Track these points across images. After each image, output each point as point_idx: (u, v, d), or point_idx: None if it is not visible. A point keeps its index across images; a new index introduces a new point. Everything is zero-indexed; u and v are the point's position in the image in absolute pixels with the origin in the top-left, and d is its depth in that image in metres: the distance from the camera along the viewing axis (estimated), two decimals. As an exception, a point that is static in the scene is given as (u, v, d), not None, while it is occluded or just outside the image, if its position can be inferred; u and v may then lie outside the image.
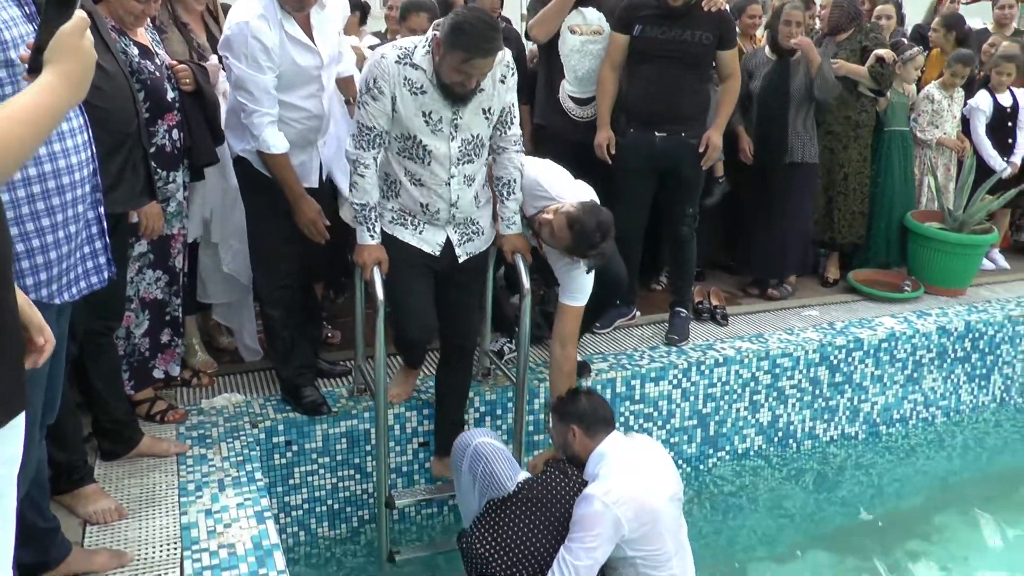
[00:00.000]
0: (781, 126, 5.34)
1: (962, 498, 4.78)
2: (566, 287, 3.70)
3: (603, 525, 2.95)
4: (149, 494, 3.16)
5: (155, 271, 3.52)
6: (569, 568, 2.95)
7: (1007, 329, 5.55)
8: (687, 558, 3.22)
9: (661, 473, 3.18)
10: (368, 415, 3.88)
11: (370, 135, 3.22)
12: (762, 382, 4.79)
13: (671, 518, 3.09)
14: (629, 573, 3.10)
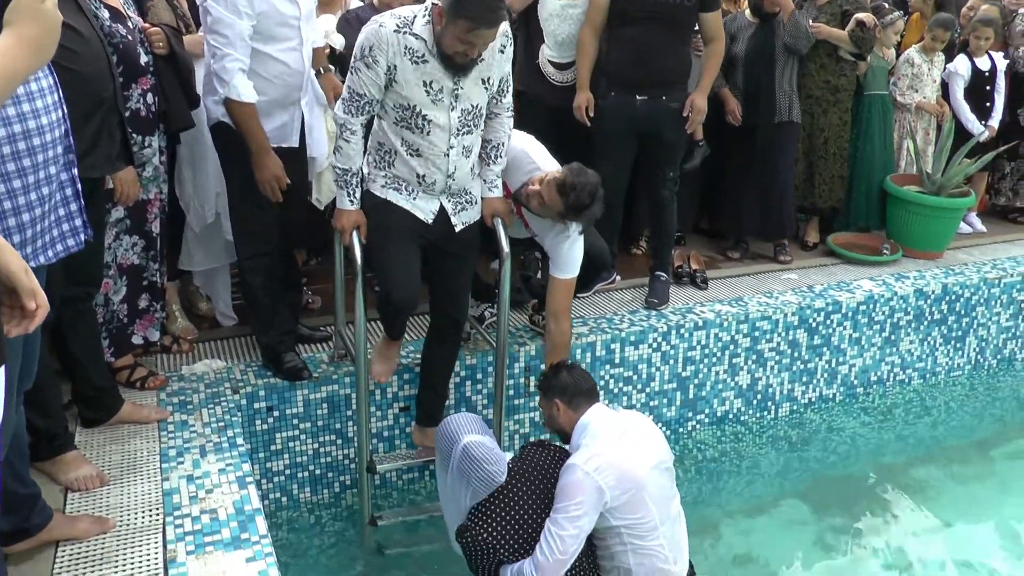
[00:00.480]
0: (769, 86, 5.36)
1: (937, 458, 4.86)
2: (556, 260, 3.69)
3: (585, 493, 2.97)
4: (130, 460, 3.16)
5: (132, 237, 3.50)
6: (555, 538, 2.98)
7: (983, 292, 5.61)
8: (678, 528, 3.23)
9: (645, 442, 3.19)
10: (349, 380, 3.89)
11: (360, 102, 3.19)
12: (741, 345, 4.82)
13: (656, 487, 3.10)
14: (615, 543, 3.12)
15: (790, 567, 3.88)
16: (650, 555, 3.09)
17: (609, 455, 3.05)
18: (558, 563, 2.98)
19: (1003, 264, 5.85)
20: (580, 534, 3.00)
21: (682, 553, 3.24)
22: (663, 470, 3.18)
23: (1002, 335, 5.84)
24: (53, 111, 2.19)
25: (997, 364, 5.90)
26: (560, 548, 2.97)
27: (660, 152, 4.63)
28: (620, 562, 3.13)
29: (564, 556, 2.98)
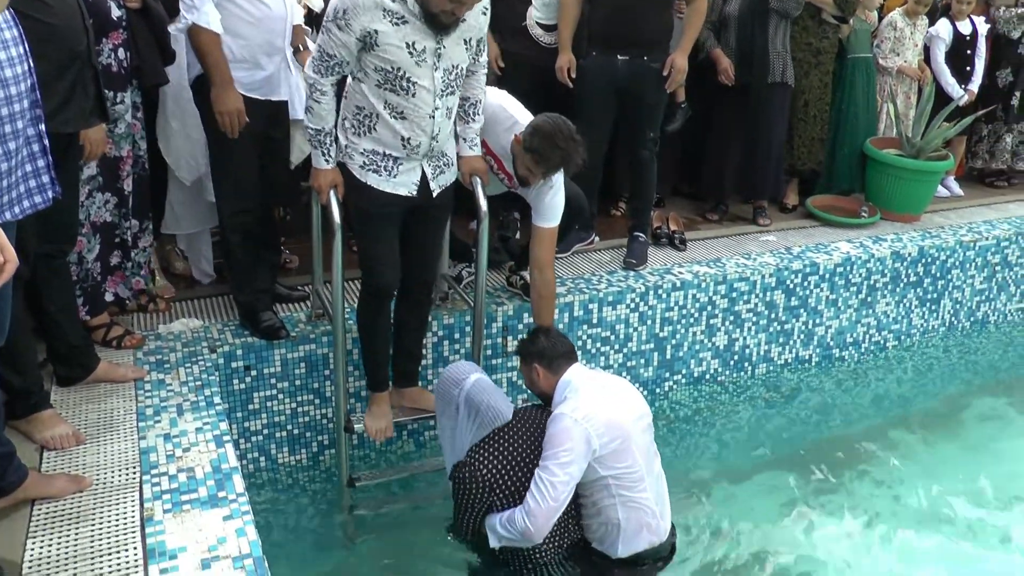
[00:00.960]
0: (763, 46, 5.34)
1: (911, 418, 4.93)
2: (540, 210, 3.69)
3: (574, 440, 3.01)
4: (107, 419, 3.16)
5: (104, 194, 3.47)
6: (546, 485, 3.01)
7: (958, 255, 5.65)
8: (661, 486, 3.28)
9: (626, 397, 3.25)
10: (326, 339, 3.88)
11: (330, 63, 3.13)
12: (719, 306, 4.85)
13: (640, 436, 3.16)
14: (604, 497, 3.15)
15: (764, 525, 3.92)
16: (638, 508, 3.15)
17: (594, 405, 3.10)
18: (550, 509, 3.02)
19: (978, 228, 5.89)
20: (570, 481, 3.03)
21: (666, 510, 3.30)
22: (645, 425, 3.23)
23: (976, 298, 5.90)
24: (19, 63, 2.15)
25: (971, 326, 5.97)
26: (552, 494, 3.00)
27: (641, 113, 4.62)
28: (609, 517, 3.17)
29: (555, 503, 3.01)
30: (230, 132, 3.48)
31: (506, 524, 3.10)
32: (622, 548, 3.20)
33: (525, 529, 3.02)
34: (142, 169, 3.64)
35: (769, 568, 3.69)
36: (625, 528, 3.17)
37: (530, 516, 3.02)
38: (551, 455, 3.04)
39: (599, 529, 3.24)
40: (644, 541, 3.21)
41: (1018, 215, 6.24)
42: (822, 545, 3.85)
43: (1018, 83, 6.70)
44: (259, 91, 3.59)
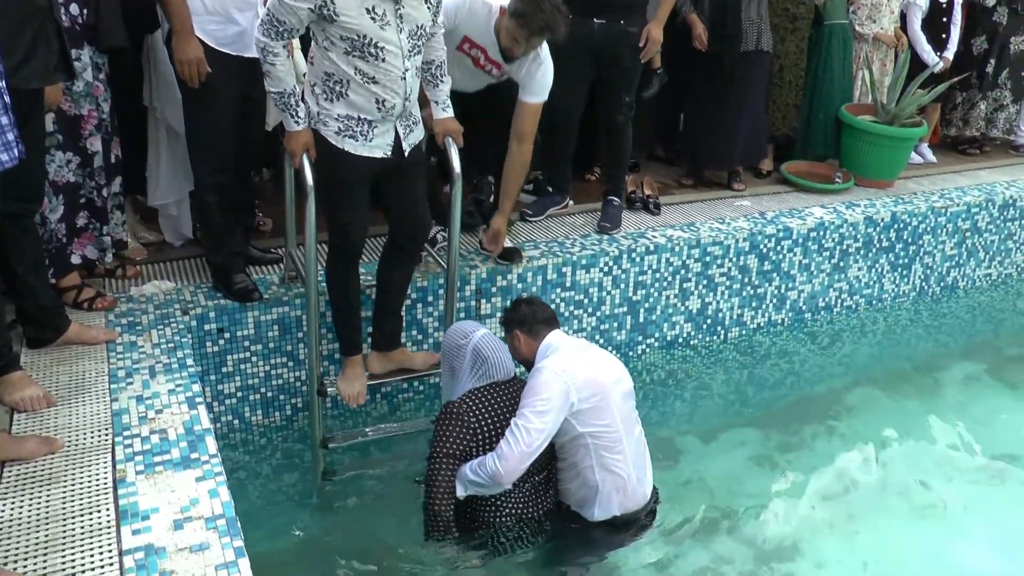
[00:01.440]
0: (735, 14, 5.31)
1: (881, 381, 4.98)
2: (528, 86, 3.76)
3: (552, 390, 3.05)
4: (78, 381, 3.14)
5: (66, 153, 3.39)
6: (521, 431, 3.04)
7: (930, 220, 5.70)
8: (641, 451, 3.30)
9: (607, 360, 3.30)
10: (300, 302, 3.88)
11: (280, 28, 3.06)
12: (692, 270, 4.87)
13: (620, 398, 3.19)
14: (583, 458, 3.18)
15: (737, 486, 3.98)
16: (615, 471, 3.17)
17: (575, 361, 3.15)
18: (522, 454, 3.04)
19: (950, 194, 5.94)
20: (545, 430, 3.05)
21: (646, 475, 3.32)
22: (627, 390, 3.27)
23: (946, 263, 5.96)
24: None
25: (941, 291, 6.04)
26: (526, 440, 3.03)
27: (617, 77, 4.61)
28: (587, 479, 3.20)
29: (528, 448, 3.04)
30: (190, 81, 3.44)
31: (476, 469, 3.12)
32: (598, 511, 3.24)
33: (495, 472, 3.05)
34: (105, 132, 3.55)
35: (742, 527, 3.74)
36: (602, 491, 3.20)
37: (501, 460, 3.05)
38: (529, 403, 3.08)
39: (578, 492, 3.27)
40: (618, 505, 3.23)
41: (989, 182, 6.30)
42: (795, 505, 3.91)
43: (992, 51, 6.74)
44: (232, 46, 3.54)
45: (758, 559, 3.58)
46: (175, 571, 2.29)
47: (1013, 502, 4.07)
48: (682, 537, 3.60)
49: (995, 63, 6.77)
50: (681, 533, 3.60)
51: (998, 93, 6.89)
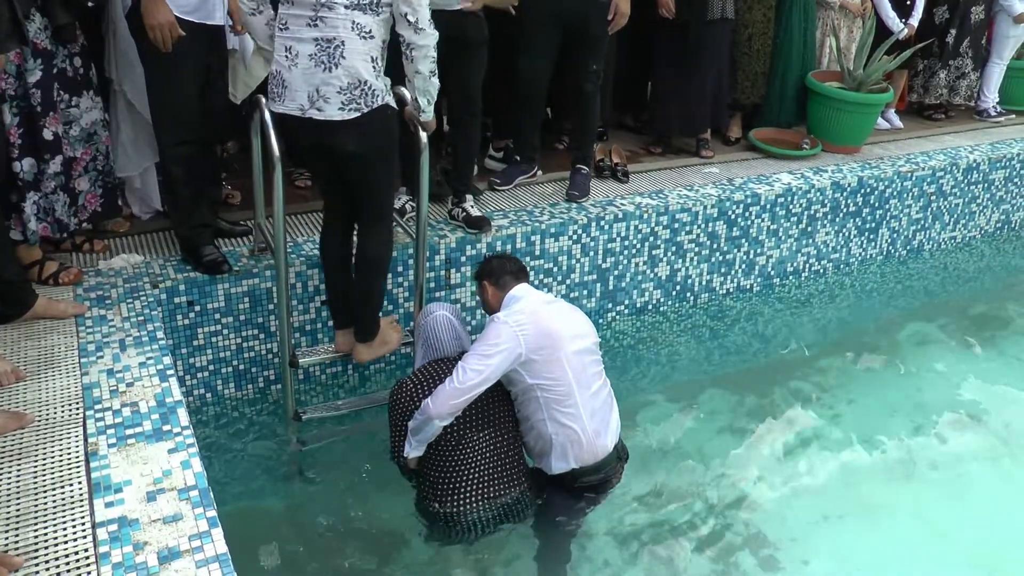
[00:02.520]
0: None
1: (849, 344, 5.07)
2: None
3: (501, 336, 3.10)
4: (47, 356, 3.12)
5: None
6: (460, 369, 3.10)
7: (896, 184, 5.76)
8: (600, 410, 3.28)
9: (568, 315, 3.31)
10: (270, 274, 3.87)
11: None
12: (661, 237, 4.90)
13: (573, 354, 3.19)
14: (535, 411, 3.21)
15: (707, 450, 4.04)
16: (567, 424, 3.19)
17: (530, 313, 3.19)
18: (454, 391, 3.08)
19: (916, 158, 6.00)
20: (484, 372, 3.08)
21: (607, 430, 3.30)
22: (585, 347, 3.26)
23: (912, 227, 6.04)
24: None
25: (907, 254, 6.12)
26: (460, 378, 3.08)
27: (585, 45, 4.60)
28: (540, 432, 3.23)
29: (461, 386, 3.07)
30: (162, 46, 3.40)
31: (416, 415, 3.17)
32: (555, 463, 3.25)
33: (426, 406, 3.10)
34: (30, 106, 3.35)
35: (711, 491, 3.80)
36: (555, 443, 3.22)
37: (434, 396, 3.10)
38: (476, 347, 3.15)
39: (535, 445, 3.30)
40: (574, 458, 3.23)
41: (953, 146, 6.37)
42: (763, 467, 3.98)
43: (953, 20, 6.82)
44: (195, 14, 3.50)
45: (727, 522, 3.64)
46: (148, 542, 2.30)
47: (978, 458, 4.16)
48: (652, 501, 3.66)
49: (956, 32, 6.84)
50: (651, 497, 3.66)
51: (959, 62, 6.94)
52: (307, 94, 3.20)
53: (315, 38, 3.15)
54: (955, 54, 6.90)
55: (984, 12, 6.87)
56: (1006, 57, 7.17)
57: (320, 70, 3.18)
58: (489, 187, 4.83)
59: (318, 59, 3.17)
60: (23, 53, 3.30)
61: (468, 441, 3.20)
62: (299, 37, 3.16)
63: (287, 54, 3.19)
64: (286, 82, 3.21)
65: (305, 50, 3.16)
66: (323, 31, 3.15)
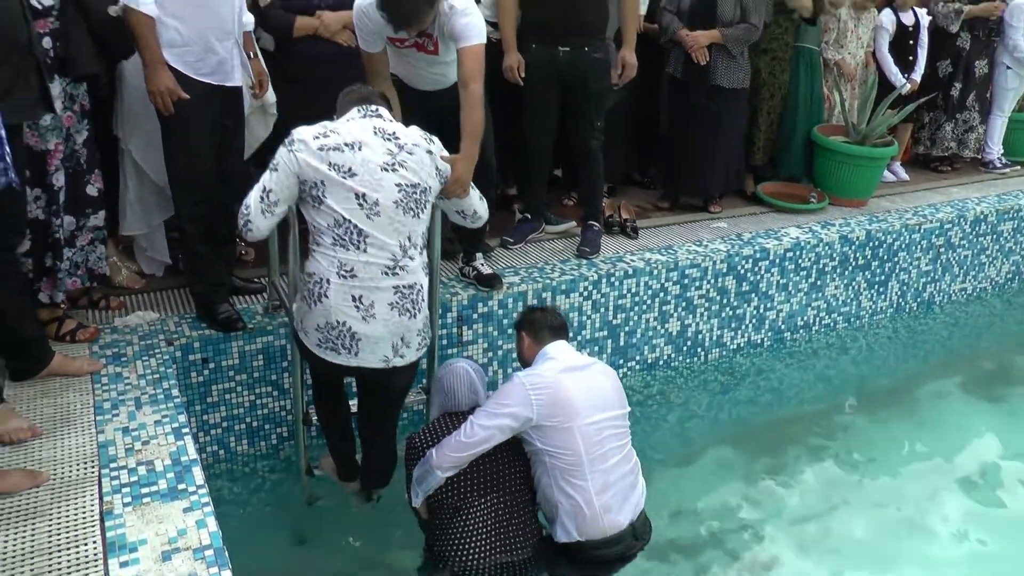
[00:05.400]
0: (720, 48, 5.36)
1: (861, 399, 5.06)
2: (456, 37, 3.62)
3: (513, 398, 3.08)
4: (63, 413, 3.14)
5: (33, 189, 3.35)
6: (469, 424, 3.10)
7: (904, 238, 5.78)
8: (616, 484, 3.17)
9: (595, 387, 3.21)
10: (283, 331, 3.88)
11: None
12: (671, 293, 4.92)
13: (589, 425, 3.11)
14: (542, 474, 3.17)
15: (719, 510, 4.01)
16: (573, 495, 3.10)
17: (551, 378, 3.14)
18: (459, 444, 3.08)
19: (923, 211, 6.03)
20: (493, 431, 3.07)
21: (623, 507, 3.18)
22: (606, 418, 3.17)
23: (922, 279, 6.05)
24: None
25: (918, 307, 6.12)
26: (468, 432, 3.08)
27: (585, 103, 4.65)
28: (547, 496, 3.19)
29: (467, 440, 3.08)
30: (164, 109, 3.46)
31: (420, 463, 3.17)
32: (560, 532, 3.17)
33: (429, 455, 3.12)
34: (78, 164, 3.52)
35: (725, 547, 3.77)
36: (560, 511, 3.15)
37: (439, 447, 3.11)
38: (488, 404, 3.16)
39: (543, 505, 3.26)
40: (577, 530, 3.13)
41: (960, 198, 6.41)
42: (777, 525, 3.95)
43: (957, 74, 6.91)
44: (213, 76, 3.57)
45: (742, 579, 3.62)
46: (164, 601, 2.30)
47: (992, 515, 4.12)
48: (667, 557, 3.63)
49: (961, 87, 6.94)
50: (665, 554, 3.63)
51: (967, 115, 7.03)
52: (391, 344, 3.08)
53: (395, 286, 3.03)
54: (961, 107, 6.98)
55: (988, 65, 6.99)
56: (1007, 109, 7.27)
57: (405, 318, 3.07)
58: (501, 245, 4.86)
59: (401, 307, 3.05)
60: (74, 115, 3.44)
61: (471, 506, 3.15)
62: (375, 286, 3.00)
63: (357, 304, 2.99)
64: (358, 335, 3.02)
65: (383, 299, 3.01)
66: (403, 278, 3.04)
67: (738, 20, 5.31)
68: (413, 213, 3.05)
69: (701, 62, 5.32)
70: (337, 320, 2.99)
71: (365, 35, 3.70)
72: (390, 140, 3.03)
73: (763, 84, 5.80)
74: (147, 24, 3.36)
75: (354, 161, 2.94)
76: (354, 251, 2.96)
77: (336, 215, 2.95)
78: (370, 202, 2.95)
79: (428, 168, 3.10)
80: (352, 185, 2.93)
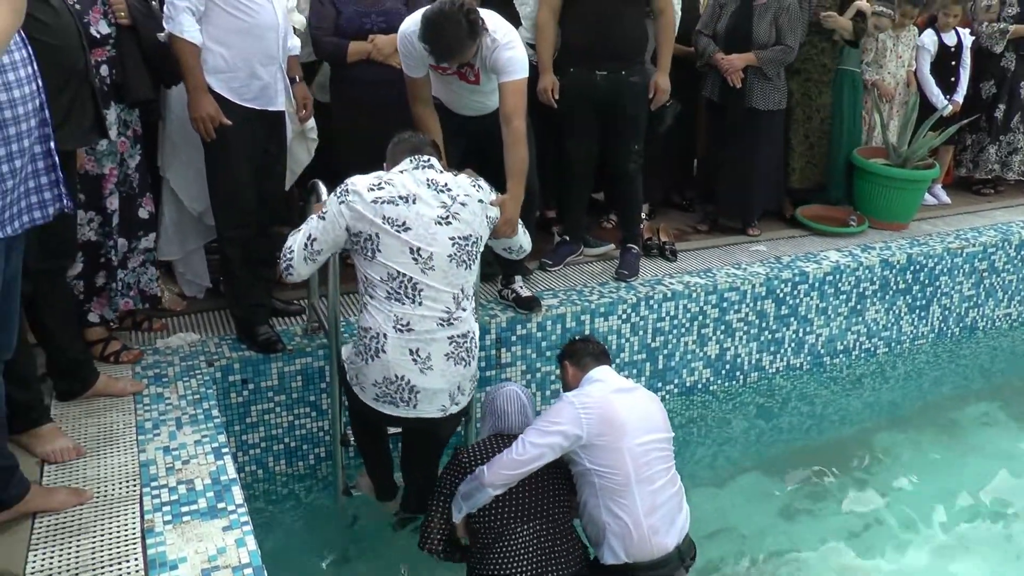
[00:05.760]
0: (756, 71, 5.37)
1: (902, 425, 4.97)
2: (498, 71, 3.62)
3: (564, 416, 3.06)
4: (107, 433, 3.19)
5: (88, 212, 3.46)
6: (520, 443, 3.08)
7: (946, 261, 5.72)
8: (662, 506, 3.15)
9: (641, 408, 3.21)
10: (322, 353, 3.92)
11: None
12: (710, 316, 4.90)
13: (640, 448, 3.10)
14: (589, 495, 3.14)
15: (759, 535, 3.97)
16: (620, 516, 3.09)
17: (599, 398, 3.13)
18: (512, 462, 3.06)
19: (966, 235, 5.96)
20: (544, 449, 3.06)
21: (671, 529, 3.17)
22: (653, 440, 3.16)
23: (964, 304, 5.96)
24: (28, 83, 2.20)
25: (960, 332, 6.03)
26: (519, 450, 3.06)
27: (624, 126, 4.67)
28: (593, 517, 3.16)
29: (518, 458, 3.06)
30: (205, 136, 3.53)
31: (468, 479, 3.15)
32: (606, 553, 3.15)
33: (480, 472, 3.10)
34: (130, 188, 3.63)
35: (764, 572, 3.73)
36: (607, 533, 3.13)
37: (490, 464, 3.09)
38: (539, 422, 3.13)
39: (589, 528, 3.23)
40: (624, 552, 3.11)
41: (1004, 221, 6.32)
42: (817, 551, 3.90)
43: (1001, 95, 6.80)
44: (256, 101, 3.63)
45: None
46: (204, 619, 2.32)
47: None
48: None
49: (1006, 108, 6.81)
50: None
51: (1011, 137, 6.92)
52: (448, 394, 3.14)
53: (450, 336, 3.08)
54: (1005, 129, 6.86)
55: (1032, 86, 6.88)
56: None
57: (461, 367, 3.13)
58: (540, 267, 4.88)
59: (456, 357, 3.11)
60: (128, 141, 3.55)
61: (513, 532, 3.12)
62: (432, 338, 3.04)
63: (415, 357, 3.04)
64: (417, 388, 3.07)
65: (440, 350, 3.06)
66: (457, 328, 3.10)
67: (773, 42, 5.31)
68: (466, 265, 3.10)
69: (737, 85, 5.32)
70: (396, 374, 3.04)
71: (409, 60, 3.73)
72: (443, 192, 3.06)
73: (796, 105, 5.76)
74: (191, 52, 3.43)
75: (408, 215, 2.98)
76: (409, 305, 3.00)
77: (390, 268, 2.99)
78: (424, 256, 2.99)
79: (479, 218, 3.14)
80: (407, 239, 2.97)
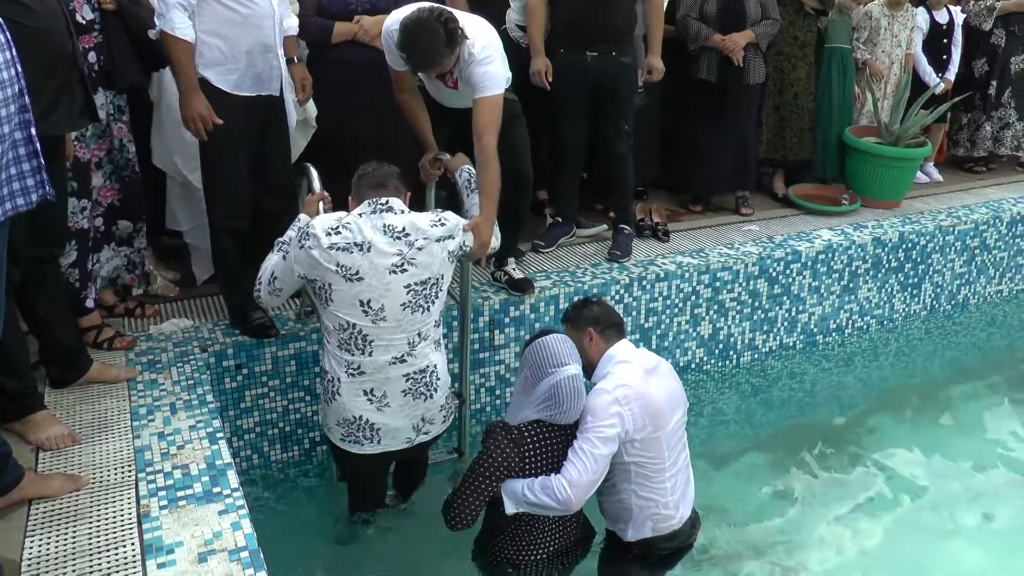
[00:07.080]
0: None
1: (895, 402, 4.99)
2: (473, 86, 3.59)
3: (611, 416, 2.99)
4: (101, 419, 3.19)
5: (80, 200, 3.45)
6: (588, 456, 2.97)
7: (938, 239, 5.74)
8: (681, 481, 3.21)
9: (670, 385, 3.21)
10: (316, 337, 3.92)
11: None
12: (703, 296, 4.91)
13: (673, 428, 3.13)
14: (622, 480, 3.14)
15: (752, 514, 3.99)
16: (652, 498, 3.12)
17: (637, 389, 3.06)
18: (591, 483, 3.00)
19: (957, 212, 5.98)
20: (609, 456, 3.01)
21: (685, 500, 3.24)
22: (681, 418, 3.21)
23: (956, 281, 5.99)
24: (6, 68, 2.19)
25: (951, 309, 6.06)
26: (593, 467, 2.97)
27: (613, 107, 4.68)
28: (623, 500, 3.16)
29: (595, 475, 2.99)
30: (197, 135, 3.50)
31: (536, 490, 2.99)
32: (632, 531, 3.19)
33: (567, 498, 2.95)
34: (132, 172, 3.64)
35: (755, 551, 3.75)
36: (636, 514, 3.15)
37: (572, 486, 2.96)
38: (593, 427, 2.99)
39: (612, 509, 3.24)
40: (651, 528, 3.18)
41: (996, 199, 6.34)
42: (810, 527, 3.92)
43: (993, 72, 6.82)
44: (253, 88, 3.59)
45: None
46: (201, 603, 2.33)
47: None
48: (702, 563, 3.61)
49: (997, 84, 6.84)
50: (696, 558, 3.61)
51: (1003, 112, 6.93)
52: (412, 426, 3.17)
53: (405, 374, 3.09)
54: (997, 105, 6.88)
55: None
56: (1045, 105, 7.15)
57: (421, 400, 3.14)
58: (533, 249, 4.88)
59: (415, 392, 3.12)
60: (125, 126, 3.58)
61: (543, 518, 3.13)
62: (385, 378, 3.07)
63: (370, 397, 3.08)
64: (376, 426, 3.11)
65: (395, 388, 3.09)
66: (413, 364, 3.10)
67: (761, 18, 5.32)
68: (423, 309, 3.07)
69: (740, 64, 5.33)
70: (353, 415, 3.10)
71: (391, 56, 3.68)
72: (400, 239, 3.00)
73: (767, 77, 5.73)
74: (183, 49, 3.37)
75: (362, 264, 2.95)
76: (359, 354, 3.03)
77: (341, 320, 3.01)
78: (375, 308, 2.99)
79: (439, 258, 3.10)
80: (358, 291, 2.96)
